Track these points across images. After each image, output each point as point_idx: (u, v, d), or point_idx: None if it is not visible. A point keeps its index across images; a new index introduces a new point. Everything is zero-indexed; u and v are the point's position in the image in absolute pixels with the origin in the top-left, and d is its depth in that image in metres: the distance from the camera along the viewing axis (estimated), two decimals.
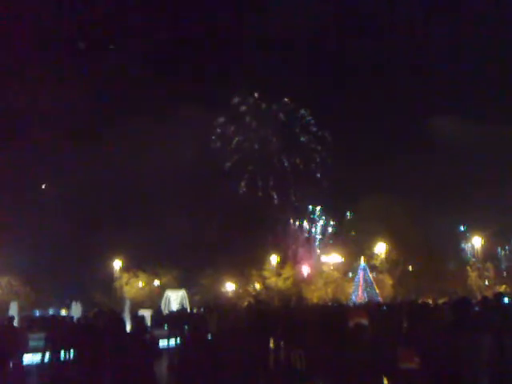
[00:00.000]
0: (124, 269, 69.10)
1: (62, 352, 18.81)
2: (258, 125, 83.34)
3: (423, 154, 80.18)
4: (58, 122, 71.39)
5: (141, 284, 68.72)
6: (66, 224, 64.62)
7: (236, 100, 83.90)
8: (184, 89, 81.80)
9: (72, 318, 21.69)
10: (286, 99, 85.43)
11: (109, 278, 67.46)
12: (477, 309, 12.71)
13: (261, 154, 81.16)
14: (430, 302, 27.73)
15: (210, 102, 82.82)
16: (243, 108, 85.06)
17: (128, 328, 11.85)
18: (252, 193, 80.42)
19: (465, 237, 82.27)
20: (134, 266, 68.82)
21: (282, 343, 18.76)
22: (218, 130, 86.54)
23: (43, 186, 73.88)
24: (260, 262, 69.59)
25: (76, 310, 37.52)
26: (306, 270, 71.44)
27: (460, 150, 79.90)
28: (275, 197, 78.77)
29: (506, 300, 13.62)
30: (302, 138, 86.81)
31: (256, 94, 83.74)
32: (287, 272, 68.04)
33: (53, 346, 18.27)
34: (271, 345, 16.44)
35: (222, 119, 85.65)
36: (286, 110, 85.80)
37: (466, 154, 79.86)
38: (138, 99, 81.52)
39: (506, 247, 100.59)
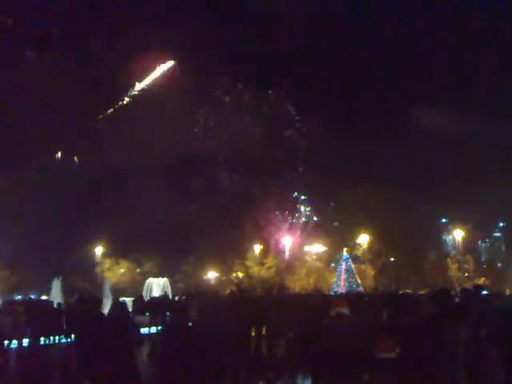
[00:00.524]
0: (106, 255, 68.84)
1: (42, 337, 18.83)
2: (241, 114, 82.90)
3: (407, 146, 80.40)
4: (44, 111, 70.73)
5: (122, 271, 68.38)
6: (47, 209, 64.20)
7: (220, 90, 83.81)
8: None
9: (52, 302, 21.58)
10: (270, 91, 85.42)
11: (90, 264, 67.19)
12: (457, 300, 12.86)
13: (242, 143, 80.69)
14: (411, 292, 28.02)
15: (192, 90, 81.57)
16: (227, 99, 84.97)
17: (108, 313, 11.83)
18: (234, 182, 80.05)
19: (446, 229, 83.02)
20: (116, 252, 68.55)
21: (263, 331, 18.85)
22: (201, 119, 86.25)
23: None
24: (243, 251, 69.67)
25: (56, 295, 37.37)
26: (288, 259, 71.72)
27: (443, 143, 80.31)
28: (257, 186, 78.19)
29: (483, 292, 13.79)
30: (286, 133, 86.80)
31: (240, 85, 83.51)
32: (270, 261, 68.19)
33: (32, 330, 18.25)
34: (252, 333, 16.50)
35: (204, 107, 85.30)
36: (271, 102, 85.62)
37: (449, 148, 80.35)
38: (118, 86, 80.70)
39: (487, 240, 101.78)
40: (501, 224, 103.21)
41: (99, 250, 69.12)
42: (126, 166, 70.35)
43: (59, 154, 73.48)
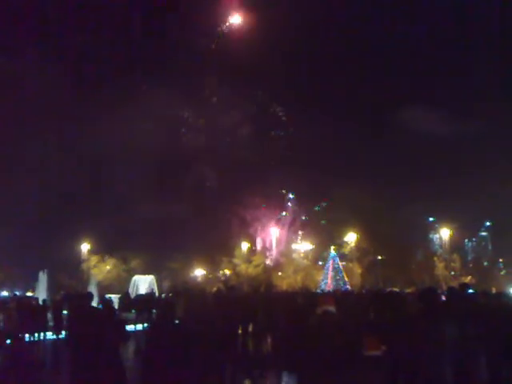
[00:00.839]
0: (92, 252, 68.55)
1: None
2: (227, 113, 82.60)
3: (395, 146, 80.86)
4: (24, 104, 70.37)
5: (108, 268, 68.10)
6: (33, 205, 63.89)
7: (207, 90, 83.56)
8: (153, 74, 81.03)
9: (37, 299, 21.48)
10: (258, 91, 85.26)
11: (76, 261, 66.88)
12: (443, 298, 12.90)
13: (229, 141, 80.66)
14: (397, 291, 28.09)
15: (180, 89, 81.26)
16: (214, 99, 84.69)
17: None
18: (221, 179, 79.81)
19: (433, 228, 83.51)
20: (102, 249, 68.30)
21: (250, 328, 18.83)
22: (188, 118, 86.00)
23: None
24: (231, 248, 69.66)
25: (42, 292, 37.17)
26: (275, 256, 71.79)
27: (431, 142, 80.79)
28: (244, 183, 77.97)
29: (470, 291, 13.84)
30: (273, 132, 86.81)
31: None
32: (257, 259, 68.23)
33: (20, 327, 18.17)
34: (239, 330, 16.48)
35: (191, 106, 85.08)
36: (258, 102, 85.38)
37: (436, 147, 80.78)
38: (105, 83, 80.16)
39: (473, 239, 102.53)
40: (487, 223, 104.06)
41: (85, 247, 68.79)
42: (114, 162, 70.16)
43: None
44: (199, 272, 72.16)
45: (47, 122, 70.87)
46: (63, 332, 19.11)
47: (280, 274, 66.70)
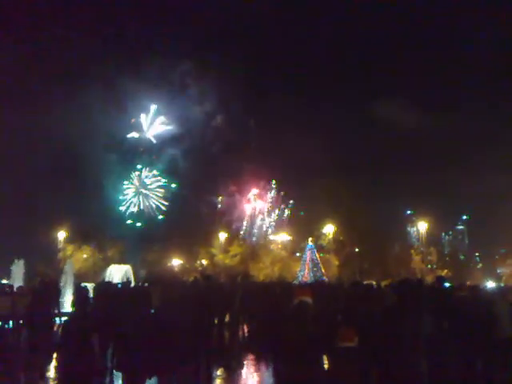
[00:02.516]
0: (68, 240, 67.98)
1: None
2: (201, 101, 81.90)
3: (372, 139, 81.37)
4: None
5: (85, 256, 67.59)
6: (7, 192, 63.20)
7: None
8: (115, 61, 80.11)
9: (12, 286, 21.19)
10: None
11: (53, 249, 66.28)
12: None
13: (203, 130, 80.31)
14: (374, 283, 28.24)
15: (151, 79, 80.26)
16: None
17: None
18: (197, 168, 79.44)
19: (411, 221, 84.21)
20: (79, 237, 67.76)
21: (226, 318, 18.81)
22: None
23: None
24: (208, 239, 69.54)
25: (18, 280, 36.72)
26: (253, 246, 71.93)
27: (408, 136, 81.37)
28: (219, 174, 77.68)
29: (446, 284, 13.96)
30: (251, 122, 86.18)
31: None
32: (235, 249, 68.21)
33: None
34: (215, 320, 16.46)
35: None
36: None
37: (413, 140, 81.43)
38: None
39: (450, 233, 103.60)
40: (464, 217, 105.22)
41: (62, 235, 68.22)
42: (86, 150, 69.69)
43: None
44: (176, 262, 71.94)
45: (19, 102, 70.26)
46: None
47: (257, 264, 66.70)
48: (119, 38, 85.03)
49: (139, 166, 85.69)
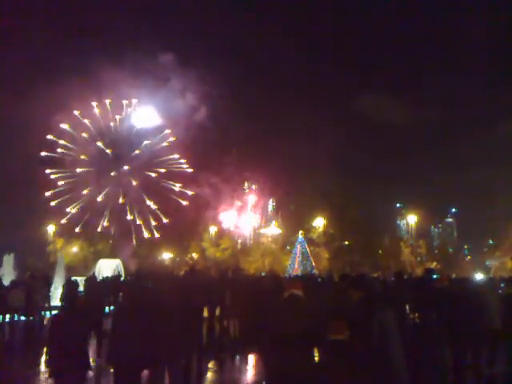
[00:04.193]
0: (58, 234, 67.78)
1: None
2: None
3: (361, 132, 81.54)
4: None
5: (75, 249, 67.41)
6: None
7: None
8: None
9: (0, 279, 21.15)
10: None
11: (43, 243, 66.11)
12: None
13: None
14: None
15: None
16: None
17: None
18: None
19: (400, 214, 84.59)
20: (69, 231, 67.59)
21: (217, 312, 18.82)
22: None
23: None
24: (199, 232, 69.48)
25: (8, 274, 36.56)
26: (243, 240, 71.94)
27: (397, 130, 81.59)
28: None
29: (434, 276, 14.05)
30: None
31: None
32: (225, 243, 68.20)
33: None
34: (206, 314, 16.47)
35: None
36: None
37: (402, 135, 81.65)
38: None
39: (439, 225, 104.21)
40: (453, 210, 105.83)
41: (51, 229, 68.02)
42: None
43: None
44: (166, 255, 71.90)
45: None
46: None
47: (248, 257, 66.75)
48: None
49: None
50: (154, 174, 78.16)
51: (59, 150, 73.47)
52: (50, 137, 72.66)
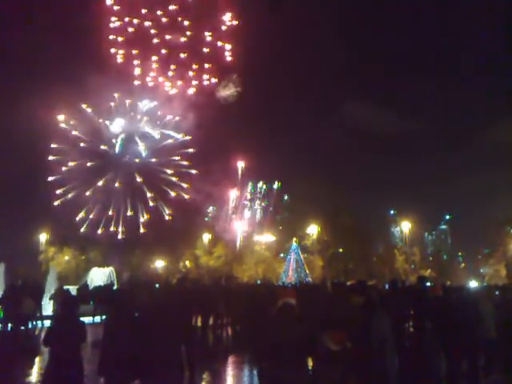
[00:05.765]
0: (50, 242, 67.49)
1: None
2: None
3: (356, 140, 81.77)
4: None
5: (67, 258, 67.06)
6: None
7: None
8: None
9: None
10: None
11: (35, 251, 65.81)
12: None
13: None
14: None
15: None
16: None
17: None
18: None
19: (394, 221, 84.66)
20: (60, 240, 67.30)
21: (210, 320, 18.70)
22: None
23: None
24: (192, 240, 69.25)
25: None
26: (237, 248, 71.74)
27: (390, 137, 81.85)
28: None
29: (427, 284, 14.03)
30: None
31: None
32: (218, 251, 67.98)
33: None
34: (199, 321, 16.35)
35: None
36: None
37: (396, 142, 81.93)
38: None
39: (433, 232, 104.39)
40: (447, 217, 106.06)
41: (43, 237, 67.73)
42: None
43: None
44: (159, 263, 71.57)
45: None
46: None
47: (241, 265, 66.55)
48: None
49: None
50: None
51: (55, 156, 73.08)
52: (54, 145, 72.66)
